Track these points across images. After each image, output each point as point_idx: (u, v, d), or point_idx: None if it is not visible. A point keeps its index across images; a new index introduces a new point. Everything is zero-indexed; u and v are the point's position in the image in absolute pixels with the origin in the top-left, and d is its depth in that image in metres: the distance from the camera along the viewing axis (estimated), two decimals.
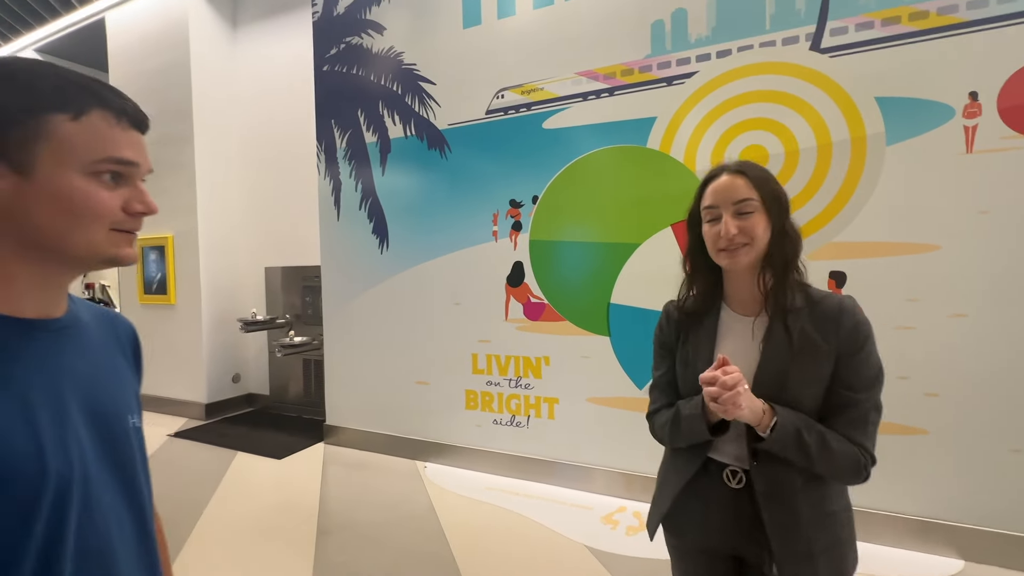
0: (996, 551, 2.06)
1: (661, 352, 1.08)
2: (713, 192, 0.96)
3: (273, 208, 4.63)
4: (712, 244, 0.96)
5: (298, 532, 2.45)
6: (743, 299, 0.99)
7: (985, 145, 2.04)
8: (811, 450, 0.89)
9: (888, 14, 2.15)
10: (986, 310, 2.07)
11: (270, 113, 4.56)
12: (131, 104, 0.60)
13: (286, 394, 4.61)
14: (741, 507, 0.96)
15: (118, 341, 0.72)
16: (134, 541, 0.65)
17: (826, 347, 0.92)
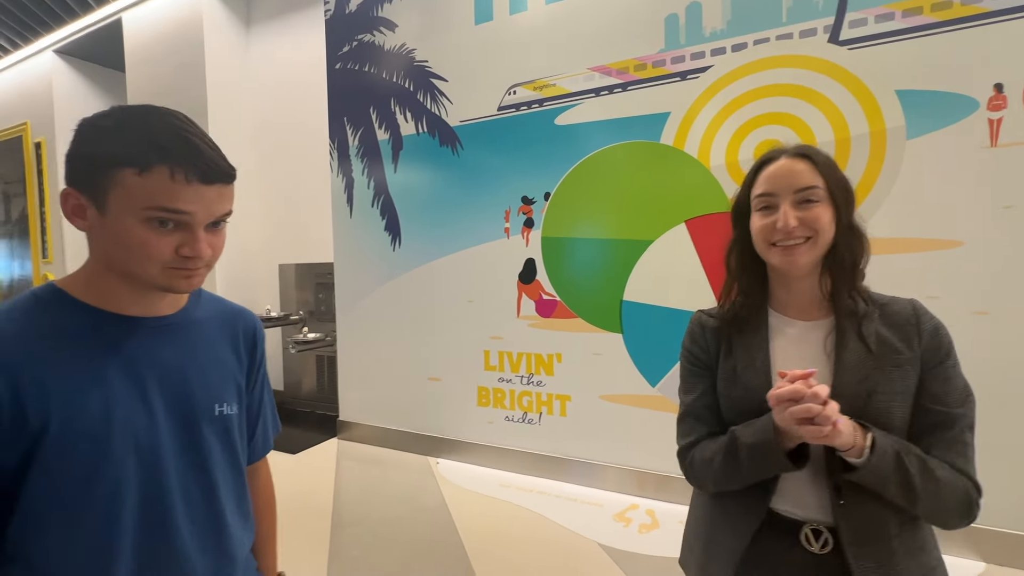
0: (1018, 553, 2.02)
1: (694, 371, 0.87)
2: (770, 178, 0.80)
3: (287, 205, 4.67)
4: (764, 237, 0.80)
5: (313, 526, 2.48)
6: (800, 303, 0.83)
7: (1010, 138, 1.99)
8: (914, 479, 0.71)
9: (909, 5, 2.10)
10: (1010, 308, 2.02)
11: (283, 111, 4.59)
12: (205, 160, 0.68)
13: (300, 390, 4.66)
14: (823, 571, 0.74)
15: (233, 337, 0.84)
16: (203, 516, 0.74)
17: (909, 354, 0.77)
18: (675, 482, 2.59)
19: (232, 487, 0.80)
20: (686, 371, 0.90)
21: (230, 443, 0.80)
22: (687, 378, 0.89)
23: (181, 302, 0.79)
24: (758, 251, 0.83)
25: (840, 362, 0.77)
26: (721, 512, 0.83)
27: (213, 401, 0.77)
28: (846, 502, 0.73)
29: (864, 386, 0.75)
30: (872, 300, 0.83)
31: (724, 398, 0.83)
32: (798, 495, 0.77)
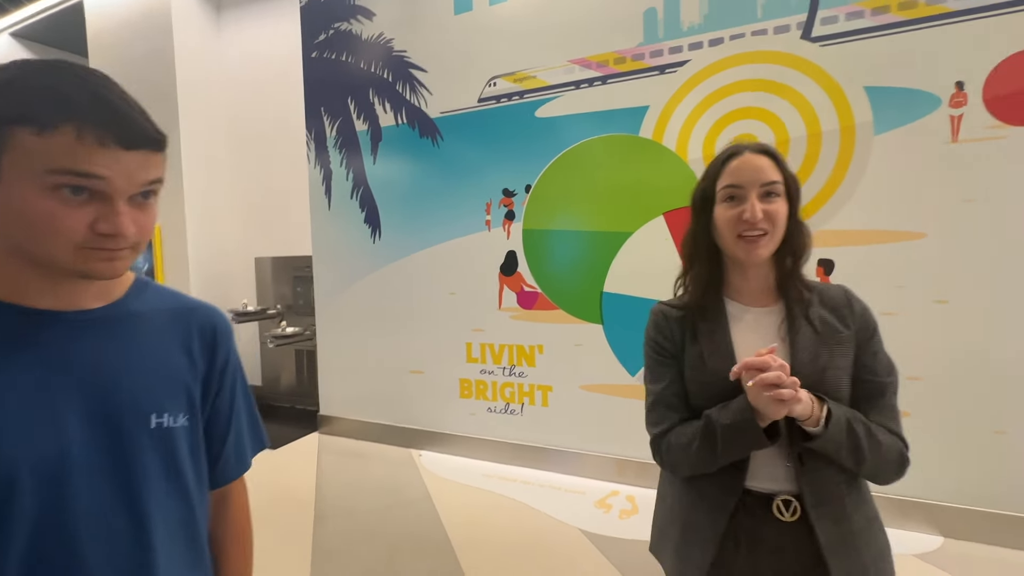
0: (974, 528, 2.14)
1: (662, 360, 0.90)
2: (737, 170, 0.85)
3: (263, 197, 4.58)
4: (731, 227, 0.84)
5: (295, 520, 2.47)
6: (754, 290, 0.89)
7: (970, 135, 2.08)
8: (862, 443, 0.79)
9: (877, 3, 2.17)
10: (968, 296, 2.12)
11: (258, 100, 4.48)
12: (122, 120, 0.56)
13: (278, 385, 4.60)
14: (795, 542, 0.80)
15: (186, 335, 0.71)
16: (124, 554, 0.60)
17: (847, 333, 0.85)
18: (654, 468, 2.64)
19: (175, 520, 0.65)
20: (653, 361, 0.92)
21: (174, 463, 0.65)
22: (654, 368, 0.92)
23: (114, 293, 0.66)
24: (722, 241, 0.88)
25: (795, 344, 0.84)
26: (697, 495, 0.87)
27: (150, 410, 0.64)
28: (806, 468, 0.80)
29: (817, 364, 0.82)
30: (811, 287, 0.90)
31: (693, 383, 0.87)
32: (767, 471, 0.83)
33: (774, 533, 0.81)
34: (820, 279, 2.33)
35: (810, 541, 0.80)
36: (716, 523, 0.83)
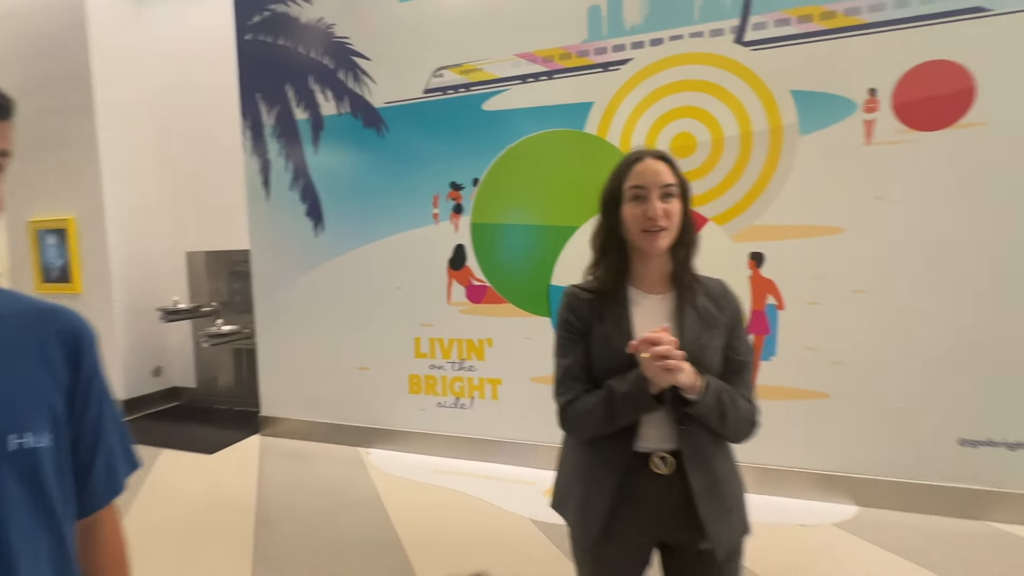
0: (885, 496, 2.36)
1: (571, 338, 1.02)
2: (641, 173, 0.97)
3: (194, 188, 4.30)
4: (637, 223, 0.97)
5: (235, 527, 2.36)
6: (651, 279, 1.02)
7: (881, 137, 2.27)
8: (728, 409, 0.95)
9: (803, 12, 2.31)
10: (881, 286, 2.32)
11: (187, 83, 4.19)
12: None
13: (215, 386, 4.36)
14: (672, 492, 0.95)
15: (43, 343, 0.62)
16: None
17: (723, 319, 1.01)
18: None
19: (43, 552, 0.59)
20: (564, 339, 1.04)
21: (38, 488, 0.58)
22: (565, 344, 1.04)
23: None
24: (629, 234, 1.00)
25: (682, 326, 0.98)
26: (597, 457, 1.00)
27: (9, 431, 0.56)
28: (685, 429, 0.95)
29: (699, 343, 0.96)
30: (697, 279, 1.03)
31: (598, 359, 0.99)
32: (652, 434, 0.97)
33: (654, 484, 0.96)
34: (752, 271, 2.48)
35: (683, 489, 0.95)
36: (612, 479, 0.97)
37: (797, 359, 2.45)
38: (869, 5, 2.23)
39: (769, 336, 2.49)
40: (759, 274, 2.48)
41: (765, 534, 2.21)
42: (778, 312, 2.47)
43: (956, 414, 2.26)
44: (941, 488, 2.29)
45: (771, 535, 2.20)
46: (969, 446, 2.26)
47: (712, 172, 2.51)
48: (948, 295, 2.24)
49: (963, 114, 2.16)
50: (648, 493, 0.96)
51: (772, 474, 2.50)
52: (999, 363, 2.20)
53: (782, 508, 2.40)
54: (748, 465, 2.52)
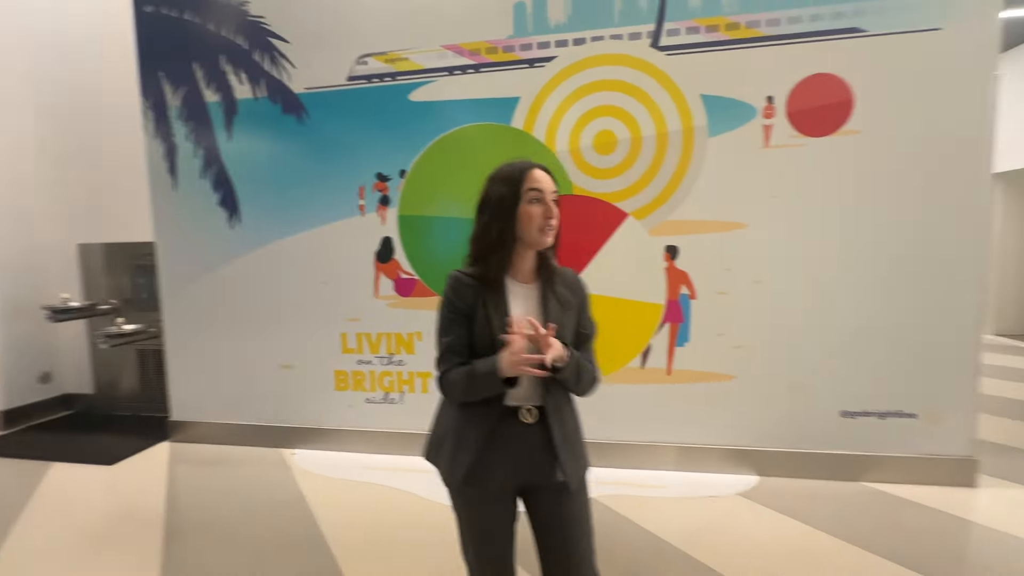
0: (782, 465, 2.61)
1: (455, 318, 1.16)
2: (537, 179, 1.14)
3: (86, 174, 3.88)
4: (537, 223, 1.13)
5: (139, 542, 2.18)
6: (524, 271, 1.19)
7: (778, 141, 2.49)
8: (582, 372, 1.17)
9: (710, 22, 2.49)
10: (777, 277, 2.56)
11: (78, 57, 3.77)
12: None
13: (116, 391, 3.98)
14: (534, 438, 1.16)
15: None
16: None
17: (575, 303, 1.21)
18: None
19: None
20: (448, 318, 1.17)
21: None
22: (448, 323, 1.17)
23: None
24: (526, 230, 1.14)
25: (547, 310, 1.16)
26: (469, 412, 1.16)
27: None
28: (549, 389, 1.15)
29: (560, 325, 1.16)
30: (556, 271, 1.22)
31: (480, 336, 1.14)
32: (521, 392, 1.15)
33: (521, 432, 1.15)
34: (668, 263, 2.64)
35: (543, 435, 1.15)
36: (483, 428, 1.14)
37: (708, 344, 2.65)
38: (767, 19, 2.44)
39: (683, 324, 2.67)
40: (674, 266, 2.65)
41: (678, 507, 2.38)
42: (691, 301, 2.65)
43: (838, 389, 2.55)
44: (827, 455, 2.57)
45: (682, 507, 2.37)
46: (849, 417, 2.56)
47: (631, 169, 2.64)
48: (831, 284, 2.51)
49: (844, 122, 2.43)
50: (515, 438, 1.15)
51: (687, 451, 2.70)
52: (873, 343, 2.50)
53: (694, 482, 2.60)
54: (668, 444, 2.71)
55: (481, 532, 1.19)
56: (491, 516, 1.18)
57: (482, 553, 1.20)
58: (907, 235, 2.43)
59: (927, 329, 2.45)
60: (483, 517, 1.18)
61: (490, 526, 1.18)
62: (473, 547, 1.21)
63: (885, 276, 2.46)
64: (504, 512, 1.19)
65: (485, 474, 1.14)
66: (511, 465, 1.15)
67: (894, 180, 2.42)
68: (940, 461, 2.49)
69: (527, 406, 1.15)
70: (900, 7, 2.33)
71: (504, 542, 1.20)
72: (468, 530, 1.21)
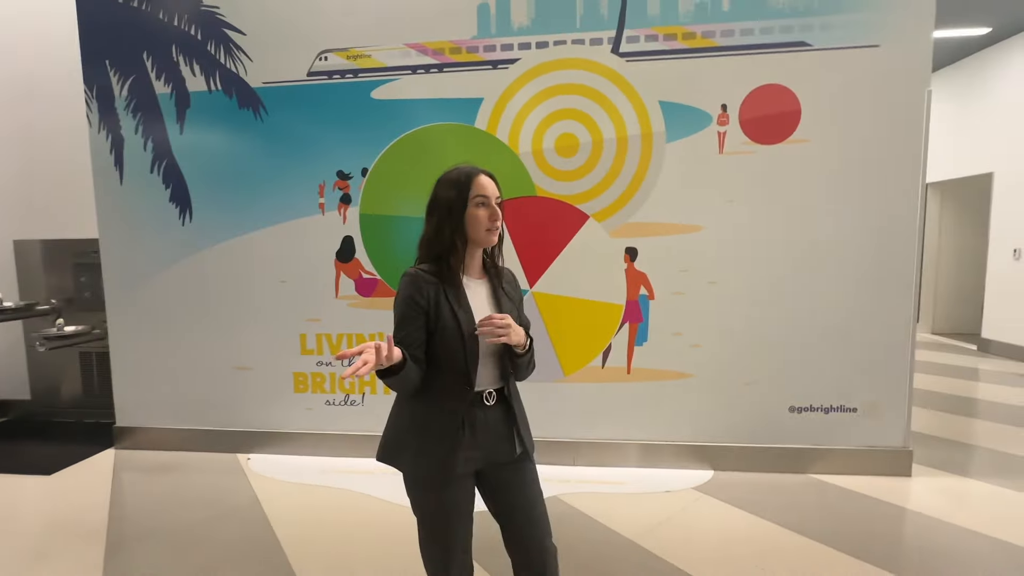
0: (734, 460, 2.72)
1: (413, 314, 1.19)
2: (483, 186, 1.23)
3: (24, 166, 3.65)
4: (482, 224, 1.23)
5: (78, 555, 2.07)
6: (474, 268, 1.29)
7: (731, 148, 2.59)
8: (533, 356, 1.30)
9: (668, 30, 2.56)
10: (731, 278, 2.66)
11: (11, 38, 3.54)
12: None
13: (56, 396, 3.77)
14: (495, 418, 1.26)
15: None
16: None
17: (517, 297, 1.35)
18: None
19: None
20: (406, 314, 1.20)
21: None
22: (405, 319, 1.20)
23: None
24: (474, 231, 1.23)
25: (499, 303, 1.28)
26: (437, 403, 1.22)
27: None
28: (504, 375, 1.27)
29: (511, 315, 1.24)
30: (500, 268, 1.34)
31: (447, 330, 1.20)
32: (483, 379, 1.24)
33: (483, 415, 1.24)
34: (627, 264, 2.71)
35: (503, 417, 1.27)
36: (457, 414, 1.21)
37: (666, 344, 2.73)
38: (721, 31, 2.53)
39: (642, 323, 2.73)
40: (633, 267, 2.71)
41: (635, 502, 2.44)
42: (650, 302, 2.72)
43: (787, 386, 2.67)
44: (776, 449, 2.69)
45: (640, 502, 2.44)
46: (796, 412, 2.68)
47: (592, 172, 2.69)
48: (780, 285, 2.63)
49: (792, 131, 2.55)
50: (482, 420, 1.24)
51: (646, 448, 2.77)
52: (818, 342, 2.63)
53: (651, 477, 2.67)
54: (627, 442, 2.78)
55: (447, 520, 1.23)
56: (456, 501, 1.22)
57: (448, 543, 1.23)
58: (848, 239, 2.57)
59: (866, 328, 2.60)
60: (449, 504, 1.22)
61: (456, 511, 1.23)
62: (438, 539, 1.24)
63: (829, 278, 2.60)
64: (467, 495, 1.25)
65: (455, 460, 1.19)
66: (478, 446, 1.22)
67: (836, 187, 2.55)
68: (878, 452, 2.64)
69: (488, 390, 1.24)
70: (842, 24, 2.47)
71: (467, 527, 1.26)
72: (433, 522, 1.24)
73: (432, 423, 1.21)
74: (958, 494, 2.49)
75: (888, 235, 2.54)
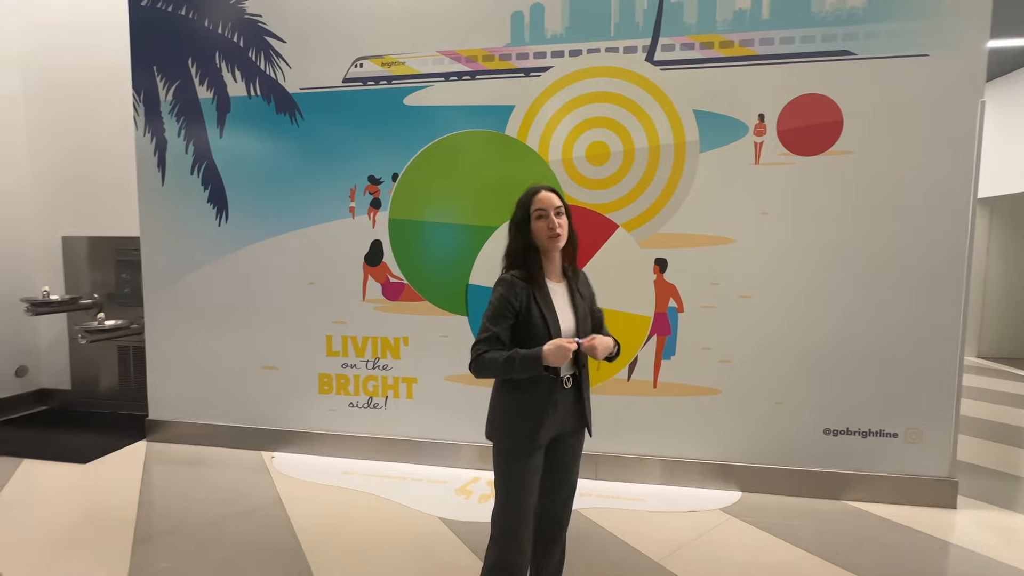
0: (764, 482, 2.61)
1: (506, 315, 1.41)
2: (542, 200, 1.45)
3: (75, 165, 3.83)
4: (544, 233, 1.43)
5: (108, 544, 2.12)
6: (554, 272, 1.50)
7: (768, 159, 2.52)
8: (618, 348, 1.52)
9: (705, 39, 2.51)
10: (765, 293, 2.57)
11: (69, 46, 3.73)
12: None
13: (95, 388, 3.91)
14: (569, 398, 1.48)
15: None
16: None
17: (588, 295, 1.56)
18: None
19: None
20: (500, 312, 1.42)
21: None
22: (500, 316, 1.41)
23: None
24: (539, 240, 1.45)
25: (576, 305, 1.49)
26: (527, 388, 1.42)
27: None
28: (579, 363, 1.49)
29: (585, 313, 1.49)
30: (575, 271, 1.54)
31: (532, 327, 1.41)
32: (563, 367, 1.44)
33: (563, 394, 1.46)
34: (656, 275, 2.65)
35: (576, 397, 1.49)
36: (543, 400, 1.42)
37: (694, 358, 2.66)
38: (760, 39, 2.47)
39: (671, 336, 2.67)
40: (663, 279, 2.65)
41: (658, 521, 2.37)
42: (679, 315, 2.65)
43: (822, 407, 2.56)
44: (808, 472, 2.58)
45: (663, 521, 2.36)
46: (832, 435, 2.57)
47: (623, 181, 2.65)
48: (817, 302, 2.53)
49: (833, 143, 2.46)
50: (562, 400, 1.46)
51: (670, 465, 2.69)
52: (857, 362, 2.52)
53: (674, 496, 2.59)
54: (650, 457, 2.70)
55: (528, 484, 1.43)
56: (536, 468, 1.44)
57: (526, 504, 1.43)
58: (892, 256, 2.46)
59: (910, 349, 2.47)
60: (531, 469, 1.43)
61: (535, 476, 1.45)
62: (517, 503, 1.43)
63: (870, 296, 2.49)
64: (540, 460, 1.46)
65: (539, 433, 1.42)
66: (558, 418, 1.45)
67: (881, 201, 2.45)
68: (920, 481, 2.50)
69: (567, 375, 1.47)
70: (889, 32, 2.38)
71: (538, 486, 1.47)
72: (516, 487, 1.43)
73: (523, 404, 1.43)
74: (1006, 529, 2.33)
75: (935, 253, 2.42)
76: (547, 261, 1.48)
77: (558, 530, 1.56)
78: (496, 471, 1.47)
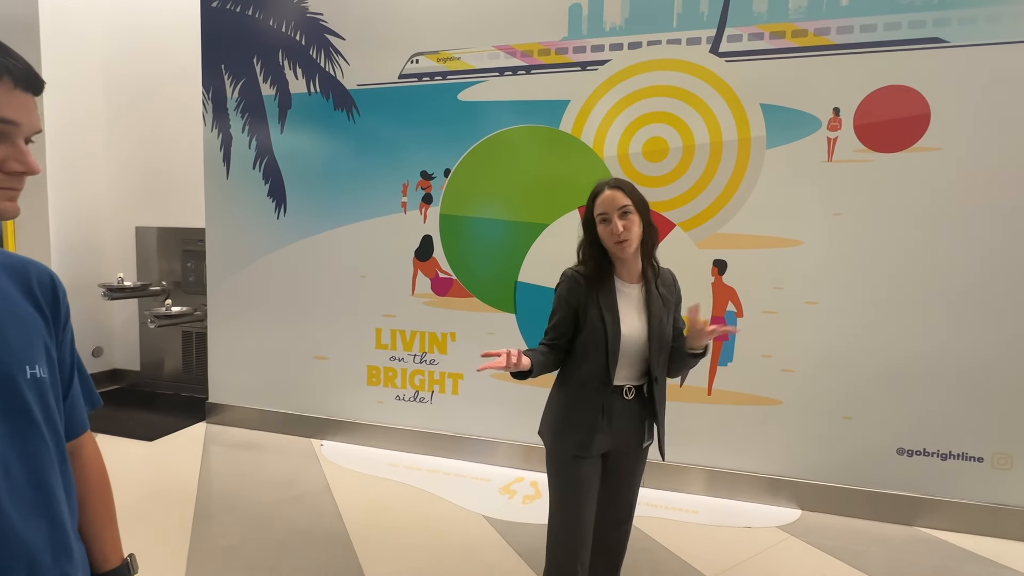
0: (827, 501, 2.45)
1: (566, 306, 1.39)
2: (602, 202, 1.34)
3: (147, 159, 4.06)
4: (608, 238, 1.34)
5: (172, 518, 2.23)
6: (629, 273, 1.41)
7: (842, 156, 2.35)
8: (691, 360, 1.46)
9: (775, 28, 2.37)
10: (834, 299, 2.41)
11: (147, 47, 3.96)
12: (20, 64, 0.62)
13: (160, 370, 4.14)
14: (633, 411, 1.41)
15: (28, 290, 0.70)
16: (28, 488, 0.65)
17: (672, 300, 1.45)
18: None
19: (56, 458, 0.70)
20: (555, 307, 1.41)
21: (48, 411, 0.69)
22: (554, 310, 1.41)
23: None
24: (606, 246, 1.37)
25: (650, 306, 1.39)
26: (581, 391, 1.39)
27: (24, 363, 0.65)
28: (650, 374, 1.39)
29: (663, 317, 1.39)
30: (657, 271, 1.43)
31: (590, 329, 1.36)
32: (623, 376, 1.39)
33: (622, 405, 1.39)
34: (715, 278, 2.53)
35: (640, 410, 1.41)
36: (595, 407, 1.37)
37: (752, 366, 2.52)
38: (838, 27, 2.30)
39: (728, 342, 2.54)
40: (721, 281, 2.53)
41: (712, 535, 2.26)
42: (737, 319, 2.52)
43: (896, 424, 2.37)
44: (878, 494, 2.39)
45: (717, 536, 2.25)
46: (905, 455, 2.37)
47: (682, 178, 2.54)
48: (893, 310, 2.34)
49: (918, 138, 2.26)
50: (619, 410, 1.39)
51: (723, 477, 2.57)
52: (938, 377, 2.31)
53: (730, 510, 2.46)
54: (702, 468, 2.59)
55: (579, 496, 1.37)
56: (587, 478, 1.37)
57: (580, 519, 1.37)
58: (980, 262, 2.24)
59: (1000, 365, 2.24)
60: (582, 479, 1.37)
61: (586, 487, 1.37)
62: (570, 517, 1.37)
63: (956, 304, 2.28)
64: (596, 471, 1.39)
65: (591, 441, 1.35)
66: (614, 430, 1.38)
67: (970, 201, 2.23)
68: (1008, 512, 2.27)
69: (628, 386, 1.39)
70: (987, 17, 2.16)
71: (594, 499, 1.40)
72: (567, 497, 1.38)
73: (575, 408, 1.38)
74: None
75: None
76: (620, 263, 1.39)
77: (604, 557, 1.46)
78: (547, 474, 1.43)
